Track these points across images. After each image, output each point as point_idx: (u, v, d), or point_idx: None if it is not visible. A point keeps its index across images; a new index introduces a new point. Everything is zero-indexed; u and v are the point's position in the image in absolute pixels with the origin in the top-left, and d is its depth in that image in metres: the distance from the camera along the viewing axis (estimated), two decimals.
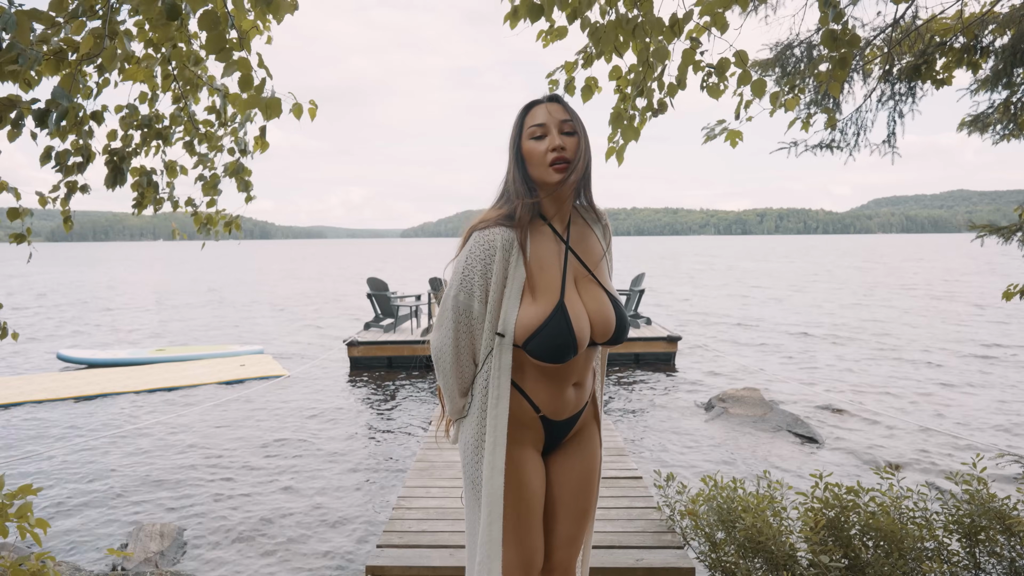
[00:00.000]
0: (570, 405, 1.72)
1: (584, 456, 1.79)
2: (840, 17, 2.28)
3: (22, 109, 1.87)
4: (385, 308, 11.24)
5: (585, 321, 1.63)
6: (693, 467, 5.83)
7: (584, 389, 1.75)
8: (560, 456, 1.78)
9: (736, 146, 2.81)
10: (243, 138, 3.25)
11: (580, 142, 1.63)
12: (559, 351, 1.57)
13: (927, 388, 8.86)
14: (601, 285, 1.70)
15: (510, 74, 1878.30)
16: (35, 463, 6.11)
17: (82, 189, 2.89)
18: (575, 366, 1.67)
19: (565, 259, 1.67)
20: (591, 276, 1.70)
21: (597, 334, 1.65)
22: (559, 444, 1.78)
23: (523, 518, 1.68)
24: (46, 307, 21.48)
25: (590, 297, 1.67)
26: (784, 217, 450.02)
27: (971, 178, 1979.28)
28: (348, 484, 5.52)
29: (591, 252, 1.73)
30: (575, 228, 1.73)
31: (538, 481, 1.72)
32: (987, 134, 3.76)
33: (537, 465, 1.73)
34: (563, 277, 1.64)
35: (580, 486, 1.77)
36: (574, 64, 2.81)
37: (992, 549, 2.87)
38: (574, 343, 1.58)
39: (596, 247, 1.75)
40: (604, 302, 1.67)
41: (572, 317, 1.60)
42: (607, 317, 1.65)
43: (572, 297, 1.64)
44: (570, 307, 1.62)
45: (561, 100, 1.68)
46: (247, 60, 2.08)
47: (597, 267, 1.72)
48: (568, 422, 1.75)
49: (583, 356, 1.68)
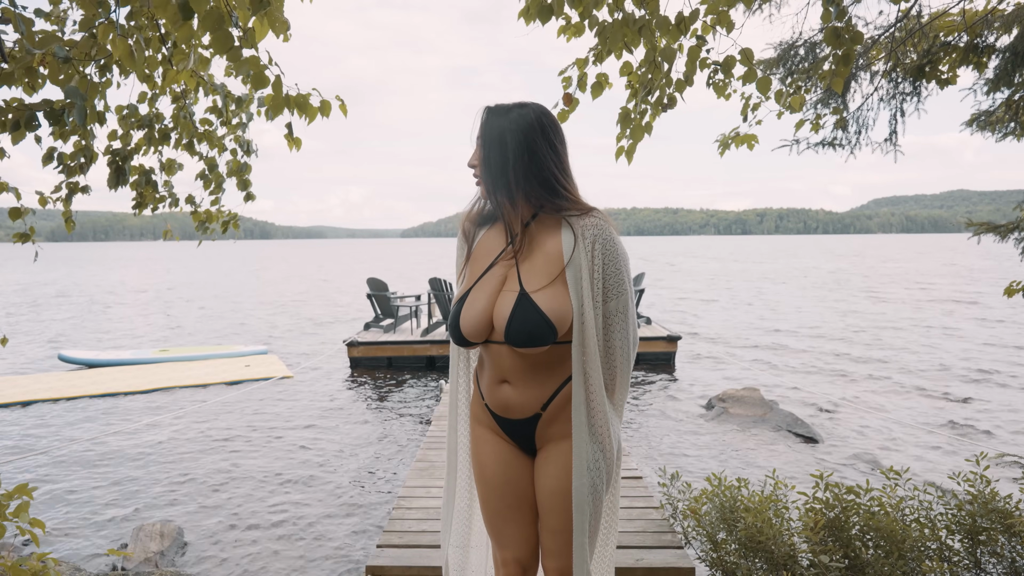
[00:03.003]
0: (505, 404, 1.69)
1: (550, 473, 1.70)
2: (843, 15, 2.27)
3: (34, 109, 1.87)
4: (385, 308, 11.24)
5: (483, 314, 1.65)
6: (693, 467, 5.82)
7: (522, 393, 1.67)
8: (536, 463, 1.75)
9: (753, 148, 2.82)
10: (243, 137, 3.25)
11: (484, 151, 1.65)
12: (453, 334, 1.69)
13: (928, 388, 8.86)
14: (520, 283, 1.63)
15: (509, 74, 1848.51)
16: (36, 462, 6.10)
17: (83, 190, 2.90)
18: (496, 361, 1.67)
19: (500, 253, 1.70)
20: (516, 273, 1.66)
21: (496, 331, 1.64)
22: (534, 448, 1.75)
23: (485, 500, 1.77)
24: (47, 308, 21.48)
25: (504, 293, 1.65)
26: (784, 217, 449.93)
27: (971, 178, 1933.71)
28: (348, 484, 5.51)
29: (537, 250, 1.66)
30: (536, 227, 1.68)
31: (498, 467, 1.75)
32: (991, 133, 3.75)
33: (497, 449, 1.75)
34: (487, 268, 1.70)
35: (546, 502, 1.71)
36: (585, 60, 2.81)
37: (993, 549, 2.87)
38: (458, 329, 1.67)
39: (549, 248, 1.65)
40: (507, 302, 1.62)
41: (468, 305, 1.67)
42: (501, 316, 1.62)
43: (485, 288, 1.68)
44: (472, 298, 1.68)
45: (486, 111, 1.67)
46: (257, 58, 2.07)
47: (536, 266, 1.64)
48: (517, 425, 1.71)
49: (502, 353, 1.65)
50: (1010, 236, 3.67)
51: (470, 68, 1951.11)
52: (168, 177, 3.21)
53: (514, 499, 1.75)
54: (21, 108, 1.87)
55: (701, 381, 9.40)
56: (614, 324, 1.65)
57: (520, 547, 1.75)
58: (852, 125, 3.92)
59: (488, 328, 1.65)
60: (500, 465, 1.75)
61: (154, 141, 2.98)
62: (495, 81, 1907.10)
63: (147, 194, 3.09)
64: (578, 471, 1.64)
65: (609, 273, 1.63)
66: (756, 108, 2.86)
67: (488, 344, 1.67)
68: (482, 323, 1.65)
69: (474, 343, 1.67)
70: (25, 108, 1.88)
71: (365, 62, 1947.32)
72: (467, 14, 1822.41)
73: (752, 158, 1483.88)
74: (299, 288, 29.05)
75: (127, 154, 2.89)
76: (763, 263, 48.47)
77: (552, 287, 1.61)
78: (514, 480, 1.74)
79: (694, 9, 2.42)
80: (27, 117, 1.86)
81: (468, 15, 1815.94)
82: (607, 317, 1.65)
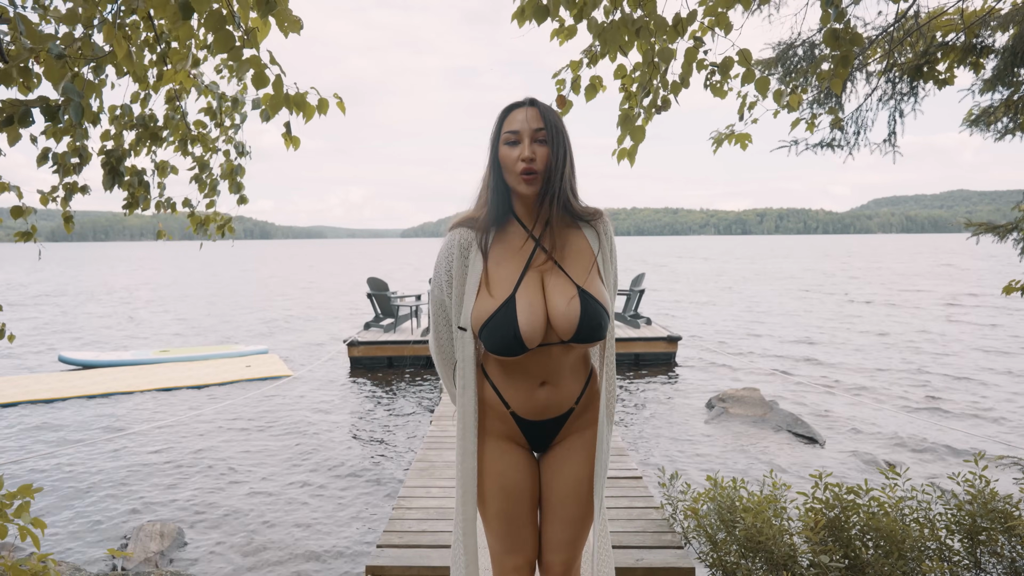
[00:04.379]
0: (543, 406, 1.68)
1: (575, 461, 1.72)
2: (842, 16, 2.28)
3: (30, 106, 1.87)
4: (385, 308, 11.24)
5: (538, 316, 1.58)
6: (693, 467, 5.82)
7: (560, 391, 1.68)
8: (551, 458, 1.76)
9: (746, 148, 2.81)
10: (235, 138, 3.25)
11: (553, 152, 1.58)
12: (505, 343, 1.57)
13: (928, 388, 8.86)
14: (573, 281, 1.62)
15: (508, 74, 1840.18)
16: (37, 462, 6.10)
17: (82, 190, 2.90)
18: (539, 363, 1.63)
19: (531, 255, 1.65)
20: (562, 271, 1.64)
21: (560, 330, 1.59)
22: (550, 445, 1.76)
23: (503, 510, 1.72)
24: (45, 308, 21.47)
25: (556, 292, 1.61)
26: (784, 217, 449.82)
27: (970, 178, 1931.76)
28: (348, 484, 5.52)
29: (567, 248, 1.67)
30: (557, 225, 1.68)
31: (518, 475, 1.72)
32: (990, 131, 3.76)
33: (516, 459, 1.73)
34: (523, 272, 1.63)
35: (568, 491, 1.72)
36: (579, 63, 2.81)
37: (993, 549, 2.87)
38: (518, 335, 1.56)
39: (577, 245, 1.68)
40: (569, 297, 1.60)
41: (521, 310, 1.58)
42: (568, 312, 1.58)
43: (529, 291, 1.61)
44: (522, 301, 1.59)
45: (539, 105, 1.61)
46: (257, 58, 2.07)
47: (573, 263, 1.65)
48: (548, 425, 1.71)
49: (551, 354, 1.63)
50: (1009, 236, 3.67)
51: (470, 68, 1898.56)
52: (161, 179, 3.21)
53: (531, 504, 1.76)
54: (15, 104, 1.87)
55: (701, 381, 9.40)
56: None
57: (532, 550, 1.77)
58: (851, 126, 3.92)
59: (545, 330, 1.61)
60: (520, 473, 1.73)
61: (144, 140, 2.99)
62: (495, 81, 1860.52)
63: (139, 194, 3.09)
64: (600, 455, 1.72)
65: (611, 268, 1.76)
66: (752, 107, 2.86)
67: (540, 347, 1.62)
68: (541, 326, 1.59)
69: (528, 349, 1.60)
70: (20, 104, 1.87)
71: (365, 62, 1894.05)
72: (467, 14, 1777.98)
73: (752, 158, 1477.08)
74: (300, 288, 29.04)
75: (121, 155, 2.89)
76: (755, 263, 48.48)
77: (592, 281, 1.66)
78: (531, 486, 1.75)
79: (692, 10, 2.42)
80: (22, 112, 1.85)
81: (468, 15, 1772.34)
82: None
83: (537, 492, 1.77)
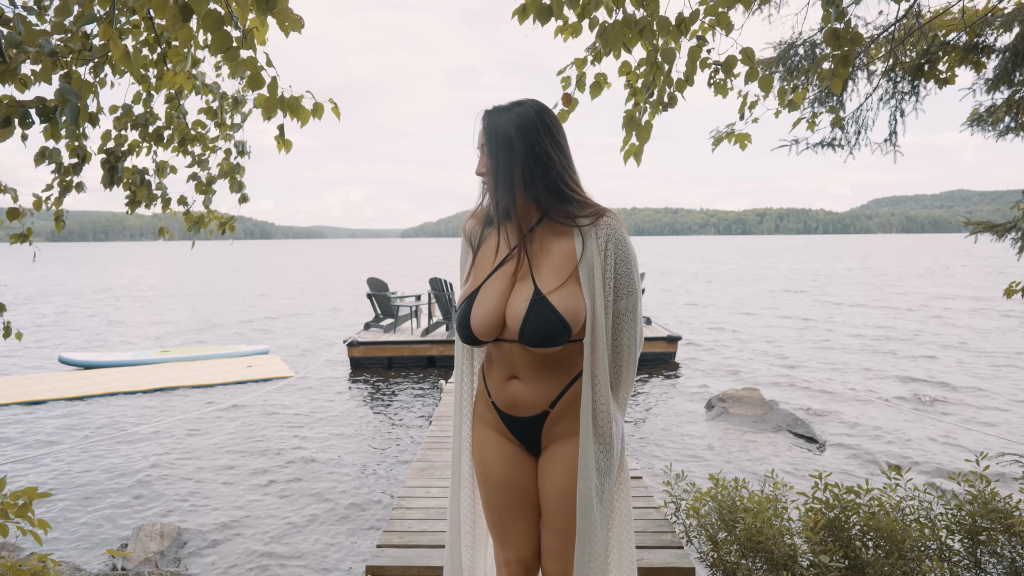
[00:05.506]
0: (514, 400, 1.69)
1: (557, 472, 1.69)
2: (843, 16, 2.27)
3: (26, 107, 1.86)
4: (385, 308, 11.23)
5: (493, 311, 1.63)
6: (693, 467, 5.82)
7: (532, 390, 1.66)
8: (541, 463, 1.75)
9: (745, 148, 2.80)
10: (235, 137, 3.24)
11: (491, 160, 1.61)
12: (462, 331, 1.67)
13: (929, 388, 8.86)
14: (536, 286, 1.62)
15: (508, 74, 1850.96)
16: (37, 462, 6.10)
17: (77, 187, 2.88)
18: (504, 357, 1.67)
19: (511, 254, 1.67)
20: (529, 274, 1.64)
21: (509, 330, 1.62)
22: (540, 448, 1.74)
23: (489, 500, 1.76)
24: (45, 308, 21.47)
25: (519, 293, 1.63)
26: (784, 217, 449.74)
27: (970, 178, 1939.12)
28: (348, 484, 5.51)
29: (547, 253, 1.65)
30: (543, 229, 1.67)
31: (501, 468, 1.73)
32: (992, 131, 3.75)
33: (500, 450, 1.74)
34: (495, 268, 1.68)
35: (553, 501, 1.70)
36: (584, 60, 2.80)
37: (993, 549, 2.87)
38: (469, 328, 1.65)
39: (561, 250, 1.64)
40: (522, 300, 1.60)
41: (478, 303, 1.65)
42: (516, 314, 1.60)
43: (494, 287, 1.65)
44: (484, 295, 1.65)
45: (487, 116, 1.63)
46: (254, 59, 2.07)
47: (547, 268, 1.64)
48: (527, 423, 1.70)
49: (512, 351, 1.64)
50: (1007, 235, 3.67)
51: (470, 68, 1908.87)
52: (160, 179, 3.20)
53: (517, 499, 1.75)
54: (12, 105, 1.86)
55: (701, 381, 9.40)
56: (623, 323, 1.67)
57: (523, 547, 1.76)
58: (851, 125, 3.92)
59: (499, 327, 1.64)
60: (504, 465, 1.74)
61: (148, 138, 2.98)
62: (495, 81, 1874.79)
63: (139, 193, 3.08)
64: (583, 474, 1.63)
65: (620, 272, 1.64)
66: (754, 106, 2.86)
67: (498, 342, 1.66)
68: (494, 322, 1.63)
69: (484, 342, 1.66)
70: (17, 105, 1.86)
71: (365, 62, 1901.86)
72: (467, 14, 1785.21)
73: (752, 158, 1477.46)
74: (299, 288, 29.04)
75: (121, 154, 2.89)
76: (749, 263, 48.45)
77: (566, 287, 1.61)
78: (518, 480, 1.74)
79: (694, 10, 2.42)
80: (21, 114, 1.84)
81: (468, 15, 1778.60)
82: (617, 316, 1.66)
83: (530, 491, 1.76)
